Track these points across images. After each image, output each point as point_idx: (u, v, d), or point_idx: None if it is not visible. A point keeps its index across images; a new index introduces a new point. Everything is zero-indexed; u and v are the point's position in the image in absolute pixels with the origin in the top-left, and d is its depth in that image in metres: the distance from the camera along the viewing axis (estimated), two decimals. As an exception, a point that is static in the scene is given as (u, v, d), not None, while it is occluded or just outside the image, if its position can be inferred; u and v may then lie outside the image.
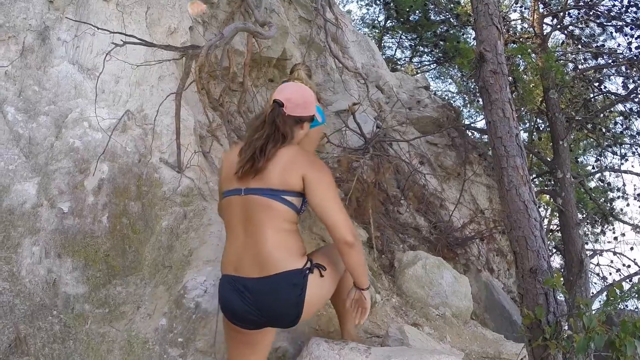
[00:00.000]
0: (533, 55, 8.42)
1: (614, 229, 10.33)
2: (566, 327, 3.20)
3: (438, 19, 11.04)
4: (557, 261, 11.59)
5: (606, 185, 10.66)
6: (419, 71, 13.99)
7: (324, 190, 2.21)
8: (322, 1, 7.90)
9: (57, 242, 3.02)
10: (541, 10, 9.11)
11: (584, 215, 10.81)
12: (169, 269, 3.19)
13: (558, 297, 3.35)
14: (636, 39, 8.59)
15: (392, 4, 11.35)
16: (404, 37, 14.01)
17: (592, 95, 9.36)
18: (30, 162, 3.15)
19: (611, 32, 9.38)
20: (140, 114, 3.79)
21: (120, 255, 3.16)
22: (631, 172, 9.99)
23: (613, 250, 9.74)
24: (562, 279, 3.77)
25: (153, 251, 3.26)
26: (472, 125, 9.77)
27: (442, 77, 15.78)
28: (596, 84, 9.23)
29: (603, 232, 10.91)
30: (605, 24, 9.04)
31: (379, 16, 14.99)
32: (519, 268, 3.39)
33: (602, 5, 9.05)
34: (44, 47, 3.51)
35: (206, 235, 3.36)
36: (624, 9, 8.77)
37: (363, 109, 6.87)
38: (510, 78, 7.19)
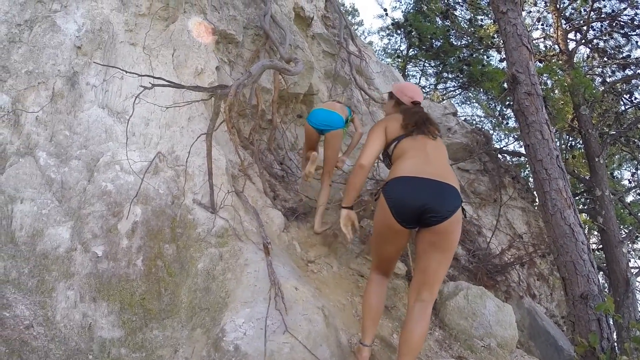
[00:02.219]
0: (560, 72, 8.29)
1: (656, 244, 10.01)
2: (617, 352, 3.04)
3: (460, 43, 10.98)
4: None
5: (645, 199, 10.37)
6: (444, 98, 13.89)
7: None
8: (344, 35, 7.95)
9: (92, 286, 2.98)
10: (564, 25, 9.01)
11: (626, 232, 10.48)
12: (206, 311, 3.11)
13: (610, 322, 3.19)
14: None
15: (414, 33, 11.36)
16: (427, 65, 13.98)
17: (623, 108, 9.17)
18: (63, 207, 3.13)
19: (636, 42, 9.23)
20: (172, 156, 3.78)
21: (156, 299, 3.10)
22: (670, 184, 9.73)
23: (659, 266, 9.37)
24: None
25: (189, 293, 3.19)
26: (504, 148, 9.57)
27: (468, 102, 15.67)
28: (627, 96, 9.04)
29: (646, 248, 10.56)
30: (629, 33, 8.90)
31: (400, 45, 15.07)
32: (568, 294, 3.25)
33: (625, 15, 8.94)
34: (74, 92, 3.53)
35: (243, 276, 3.28)
36: (646, 17, 8.67)
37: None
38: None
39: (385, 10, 14.15)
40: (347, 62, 7.72)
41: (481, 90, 11.57)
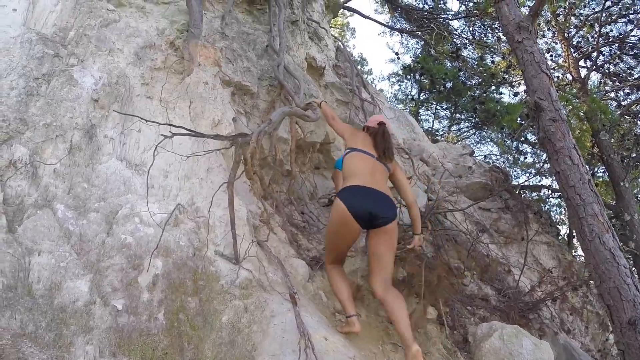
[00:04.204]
0: (575, 100, 8.24)
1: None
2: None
3: (472, 83, 11.03)
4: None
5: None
6: (459, 139, 13.85)
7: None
8: (356, 83, 8.00)
9: (112, 340, 2.83)
10: (574, 54, 9.03)
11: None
12: (232, 365, 2.95)
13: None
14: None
15: (424, 76, 11.44)
16: (439, 107, 13.99)
17: None
18: (81, 259, 3.03)
19: None
20: (192, 207, 3.71)
21: (179, 353, 2.94)
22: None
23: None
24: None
25: (214, 348, 3.03)
26: (525, 184, 9.43)
27: (483, 141, 15.57)
28: None
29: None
30: (639, 54, 8.90)
31: (411, 90, 15.15)
32: (615, 322, 3.10)
33: (633, 36, 8.97)
34: (91, 144, 3.49)
35: (270, 328, 3.14)
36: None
37: (413, 184, 6.69)
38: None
39: (397, 54, 14.25)
40: (361, 109, 7.73)
41: (495, 128, 11.54)
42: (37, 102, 3.39)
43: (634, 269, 8.99)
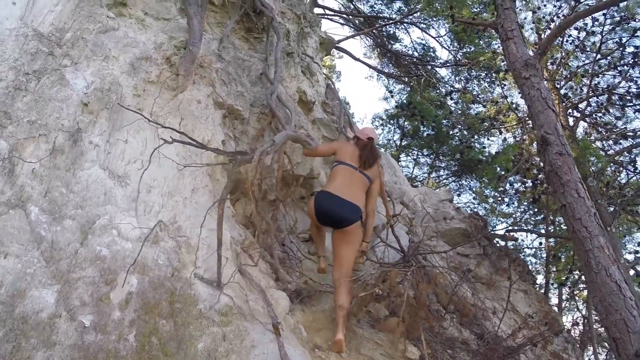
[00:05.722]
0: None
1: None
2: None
3: (456, 130, 11.18)
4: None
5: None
6: (438, 186, 13.92)
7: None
8: (343, 122, 7.96)
9: (75, 359, 2.59)
10: (562, 103, 9.26)
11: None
12: (206, 397, 2.72)
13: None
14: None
15: (415, 117, 11.49)
16: (420, 154, 14.08)
17: (625, 179, 9.27)
18: (50, 268, 2.80)
19: (634, 113, 9.61)
20: (174, 226, 3.54)
21: (149, 381, 2.72)
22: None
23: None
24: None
25: (186, 376, 2.81)
26: (510, 231, 9.43)
27: (462, 189, 15.66)
28: (630, 167, 9.16)
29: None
30: (626, 105, 9.17)
31: (394, 135, 15.23)
32: (621, 355, 3.05)
33: (620, 87, 9.24)
34: (75, 149, 3.30)
35: (250, 358, 2.93)
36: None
37: (396, 223, 6.60)
38: (541, 175, 7.23)
39: (391, 92, 14.32)
40: (346, 147, 7.66)
41: (477, 176, 11.62)
42: (25, 97, 3.22)
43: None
